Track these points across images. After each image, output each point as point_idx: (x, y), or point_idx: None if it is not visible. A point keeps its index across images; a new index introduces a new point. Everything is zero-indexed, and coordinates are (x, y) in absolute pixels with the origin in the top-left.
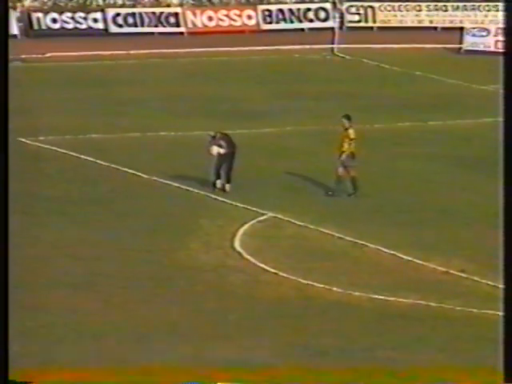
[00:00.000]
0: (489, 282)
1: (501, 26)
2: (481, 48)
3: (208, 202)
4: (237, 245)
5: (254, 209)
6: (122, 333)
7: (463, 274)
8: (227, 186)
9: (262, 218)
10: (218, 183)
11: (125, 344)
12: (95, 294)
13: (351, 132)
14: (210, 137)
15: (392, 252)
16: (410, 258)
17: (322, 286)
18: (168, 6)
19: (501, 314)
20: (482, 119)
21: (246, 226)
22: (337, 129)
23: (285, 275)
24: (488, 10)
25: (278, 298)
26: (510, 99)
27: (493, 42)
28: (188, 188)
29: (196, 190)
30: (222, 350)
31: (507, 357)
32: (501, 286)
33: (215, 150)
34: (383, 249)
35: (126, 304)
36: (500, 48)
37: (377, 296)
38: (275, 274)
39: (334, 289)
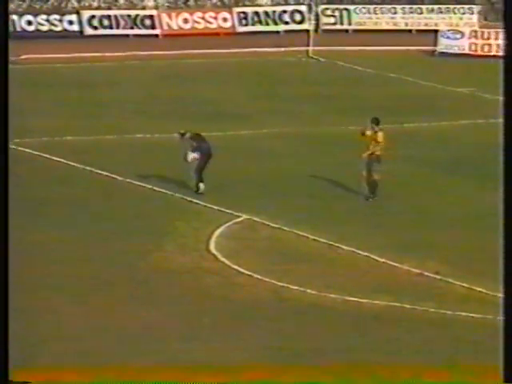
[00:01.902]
0: (463, 284)
1: (475, 28)
2: (455, 50)
3: (183, 204)
4: (212, 247)
5: (230, 211)
6: (100, 334)
7: (438, 276)
8: (201, 185)
9: (237, 220)
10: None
11: (103, 346)
12: (72, 297)
13: (380, 135)
14: (179, 134)
15: (367, 254)
16: (384, 260)
17: (296, 288)
18: (143, 8)
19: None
20: (458, 121)
21: (221, 228)
22: (315, 130)
23: (260, 277)
24: (463, 13)
25: (253, 300)
26: (510, 99)
27: (467, 44)
28: (163, 190)
29: (171, 193)
30: (198, 352)
31: (507, 357)
32: (475, 287)
33: (191, 156)
34: (358, 251)
35: (103, 306)
36: (474, 50)
37: (351, 298)
38: (250, 276)
39: (309, 291)
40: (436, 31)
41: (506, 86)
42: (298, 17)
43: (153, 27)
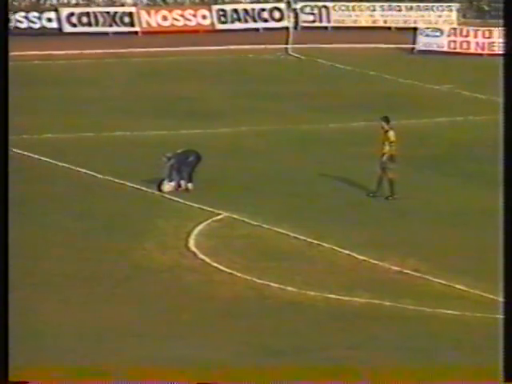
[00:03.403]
0: (442, 281)
1: (454, 26)
2: (434, 48)
3: (163, 202)
4: (192, 245)
5: (209, 209)
6: (80, 332)
7: (417, 273)
8: (190, 185)
9: (216, 218)
10: (183, 183)
11: (83, 343)
12: (53, 295)
13: (391, 134)
14: (166, 158)
15: (347, 252)
16: (364, 258)
17: (277, 285)
18: (122, 5)
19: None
20: (437, 119)
21: (201, 226)
22: (294, 128)
23: (239, 275)
24: (441, 11)
25: (233, 297)
26: (510, 100)
27: (446, 42)
28: (143, 188)
29: (151, 190)
30: (178, 350)
31: (507, 357)
32: (454, 285)
33: (166, 186)
34: (338, 248)
35: (84, 304)
36: (453, 48)
37: (332, 295)
38: (230, 273)
39: (289, 288)
40: (415, 29)
41: (506, 86)
42: (277, 14)
43: (132, 24)
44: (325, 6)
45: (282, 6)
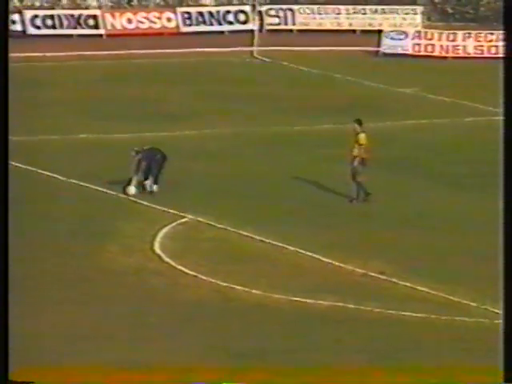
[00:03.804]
0: (407, 284)
1: (418, 29)
2: (399, 51)
3: (128, 205)
4: (157, 248)
5: (174, 211)
6: (45, 336)
7: (382, 276)
8: (155, 187)
9: (182, 221)
10: (148, 184)
11: (49, 347)
12: (17, 297)
13: (362, 137)
14: (134, 152)
15: (311, 254)
16: (329, 260)
17: (241, 288)
18: (87, 8)
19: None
20: (402, 121)
21: (166, 229)
22: (260, 130)
23: (204, 278)
24: (406, 14)
25: (198, 300)
26: (510, 100)
27: (411, 44)
28: (108, 191)
29: (115, 193)
30: (144, 353)
31: (507, 357)
32: (419, 287)
33: (132, 190)
34: (303, 251)
35: (48, 307)
36: (417, 51)
37: (296, 298)
38: (195, 276)
39: (254, 291)
40: (380, 32)
41: (506, 86)
42: (242, 17)
43: (96, 27)
44: (290, 9)
45: (247, 8)
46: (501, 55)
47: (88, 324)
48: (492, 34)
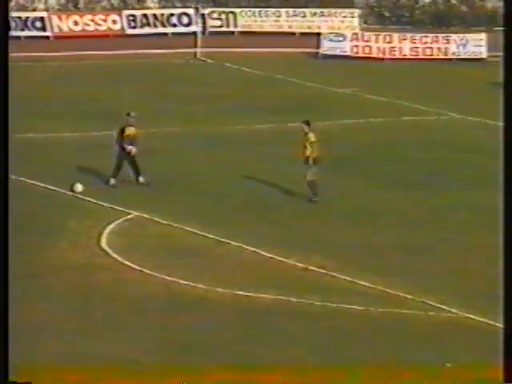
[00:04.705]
0: (347, 278)
1: (356, 31)
2: (337, 52)
3: (76, 202)
4: (104, 243)
5: (121, 208)
6: None
7: (323, 270)
8: (112, 181)
9: (127, 218)
10: (141, 179)
11: None
12: None
13: (311, 136)
14: (127, 115)
15: (254, 249)
16: (271, 255)
17: (186, 282)
18: (34, 10)
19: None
20: (341, 121)
21: (112, 225)
22: (203, 129)
23: (150, 272)
24: (344, 17)
25: (144, 294)
26: (510, 100)
27: (349, 46)
28: (56, 188)
29: (63, 191)
30: (91, 346)
31: (507, 357)
32: (358, 281)
33: (79, 188)
34: (246, 246)
35: None
36: (355, 52)
37: (240, 292)
38: (141, 271)
39: (199, 285)
40: (319, 34)
41: (506, 87)
42: (185, 20)
43: (44, 29)
44: (232, 12)
45: (191, 11)
46: (435, 57)
47: (34, 318)
48: (427, 36)
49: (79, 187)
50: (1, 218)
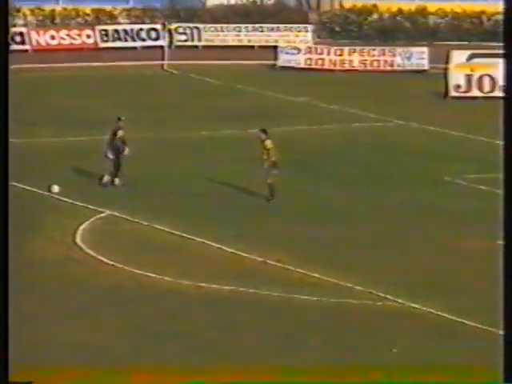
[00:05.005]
0: (301, 270)
1: (309, 45)
2: (292, 64)
3: (52, 202)
4: (78, 240)
5: (94, 207)
6: None
7: (279, 264)
8: (117, 180)
9: (100, 216)
10: (117, 181)
11: None
12: None
13: (268, 143)
14: (117, 119)
15: (217, 245)
16: (232, 250)
17: (154, 275)
18: (14, 26)
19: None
20: (295, 127)
21: (86, 223)
22: (171, 135)
23: (121, 266)
24: (299, 31)
25: (116, 286)
26: (510, 105)
27: (303, 59)
28: (33, 189)
29: (40, 191)
30: (68, 334)
31: (507, 357)
32: (311, 273)
33: (56, 188)
34: (209, 242)
35: None
36: (309, 64)
37: (203, 284)
38: (113, 265)
39: (166, 278)
40: (276, 47)
41: (507, 89)
42: (153, 34)
43: (23, 43)
44: (196, 27)
45: (158, 26)
46: (382, 68)
47: (15, 309)
48: (374, 49)
49: (56, 188)
50: (1, 218)
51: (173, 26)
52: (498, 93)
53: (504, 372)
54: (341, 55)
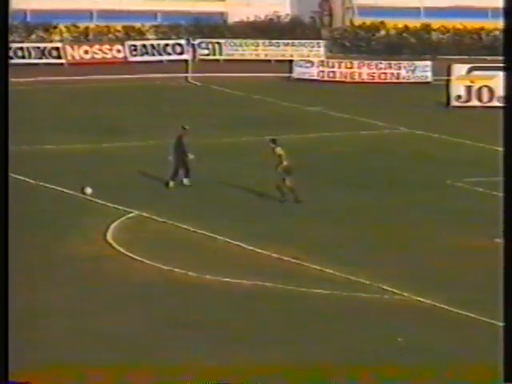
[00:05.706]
0: (316, 267)
1: (322, 59)
2: (307, 77)
3: (85, 203)
4: (109, 238)
5: (123, 208)
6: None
7: (295, 261)
8: (185, 180)
9: (129, 216)
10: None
11: (16, 328)
12: None
13: (278, 150)
14: (182, 128)
15: (237, 243)
16: (252, 248)
17: (180, 271)
18: (51, 41)
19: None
20: (309, 134)
21: (116, 223)
22: (195, 142)
23: (149, 262)
24: (312, 47)
25: (145, 281)
26: (510, 104)
27: (316, 72)
28: (69, 191)
29: (75, 193)
30: (102, 324)
31: (507, 357)
32: (325, 269)
33: (88, 191)
34: (230, 240)
35: (23, 287)
36: (321, 77)
37: (225, 279)
38: (141, 261)
39: (190, 273)
40: (291, 61)
41: (507, 90)
42: (178, 49)
43: (59, 57)
44: (218, 43)
45: (183, 42)
46: (388, 81)
47: (53, 303)
48: (381, 63)
49: (89, 190)
50: (1, 218)
51: (196, 41)
52: (496, 103)
53: (504, 372)
54: (351, 68)
